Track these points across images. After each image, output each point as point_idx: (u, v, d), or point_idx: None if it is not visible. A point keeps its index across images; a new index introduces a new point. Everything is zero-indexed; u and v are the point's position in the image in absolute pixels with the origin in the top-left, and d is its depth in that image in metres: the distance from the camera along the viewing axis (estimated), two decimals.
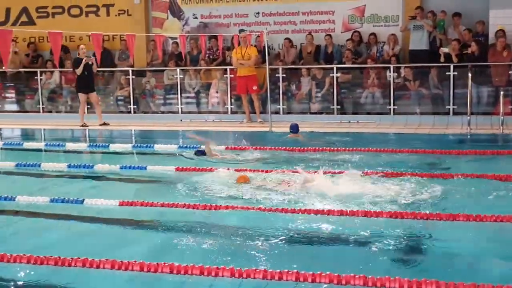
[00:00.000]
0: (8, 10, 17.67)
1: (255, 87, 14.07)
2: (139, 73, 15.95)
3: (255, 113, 14.26)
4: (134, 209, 6.73)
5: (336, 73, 14.13)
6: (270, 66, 13.80)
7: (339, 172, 7.96)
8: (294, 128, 11.62)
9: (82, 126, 14.10)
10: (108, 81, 16.44)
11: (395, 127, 12.77)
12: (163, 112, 15.65)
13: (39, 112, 16.19)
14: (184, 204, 6.75)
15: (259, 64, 14.44)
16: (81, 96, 14.40)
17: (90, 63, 14.01)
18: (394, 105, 13.79)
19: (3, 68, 16.22)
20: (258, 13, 15.92)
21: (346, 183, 7.39)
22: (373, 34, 14.76)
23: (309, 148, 10.17)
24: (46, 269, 4.95)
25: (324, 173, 7.58)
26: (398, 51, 14.48)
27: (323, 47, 15.17)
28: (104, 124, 14.25)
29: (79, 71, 14.02)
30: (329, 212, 6.33)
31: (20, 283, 4.85)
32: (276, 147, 10.36)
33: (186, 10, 16.52)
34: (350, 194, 6.98)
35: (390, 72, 13.81)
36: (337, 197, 6.87)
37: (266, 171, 8.27)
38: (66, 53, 16.57)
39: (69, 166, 8.90)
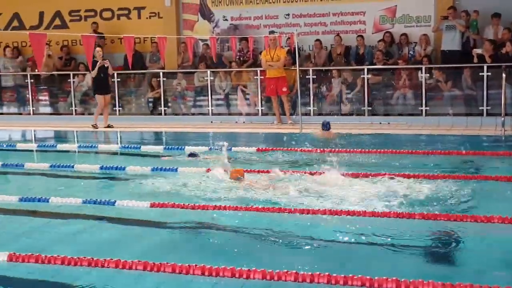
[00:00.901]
0: (41, 14, 17.92)
1: (284, 89, 14.04)
2: (170, 75, 16.04)
3: (285, 114, 14.23)
4: (164, 211, 6.75)
5: (367, 74, 14.03)
6: (301, 68, 13.74)
7: (374, 175, 7.90)
8: (326, 126, 11.59)
9: (93, 126, 14.32)
10: (139, 83, 16.56)
11: (427, 128, 12.63)
12: (193, 114, 15.72)
13: (71, 114, 16.39)
14: (215, 206, 6.75)
15: (289, 65, 14.41)
16: (99, 98, 14.61)
17: (105, 65, 14.17)
18: (426, 106, 13.64)
19: (37, 70, 16.50)
20: (288, 14, 15.90)
21: (376, 185, 7.32)
22: (405, 34, 14.63)
23: (341, 149, 10.11)
24: (80, 270, 4.98)
25: (345, 174, 7.54)
26: (430, 51, 14.33)
27: (353, 48, 15.08)
28: (109, 126, 14.40)
29: (94, 73, 14.25)
30: (362, 214, 6.28)
31: (55, 283, 4.90)
32: (306, 149, 10.33)
33: (216, 12, 16.57)
34: (380, 195, 6.92)
35: (422, 73, 13.66)
36: (369, 198, 6.82)
37: (295, 172, 8.24)
38: None
39: (101, 168, 8.98)
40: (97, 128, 14.24)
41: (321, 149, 10.25)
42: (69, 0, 17.62)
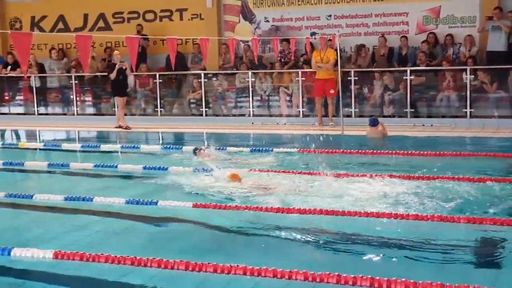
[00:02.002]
0: (86, 16, 18.21)
1: (332, 91, 13.98)
2: (211, 76, 16.11)
3: (327, 116, 14.16)
4: (207, 211, 6.77)
5: (410, 75, 13.85)
6: (343, 69, 13.64)
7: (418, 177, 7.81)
8: (373, 122, 11.54)
9: (117, 127, 14.56)
10: (180, 84, 16.68)
11: (472, 130, 12.40)
12: (234, 115, 15.76)
13: (114, 115, 16.54)
14: (257, 207, 6.74)
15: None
16: (118, 100, 14.90)
17: (123, 68, 14.37)
18: (470, 108, 13.40)
19: (81, 72, 16.76)
20: (330, 15, 15.82)
21: (421, 188, 7.22)
22: (450, 35, 14.40)
23: (382, 151, 10.02)
24: (123, 269, 5.03)
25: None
26: (475, 52, 14.07)
27: (396, 49, 14.91)
28: (120, 127, 14.61)
29: (112, 75, 14.50)
30: (405, 217, 6.20)
31: (99, 281, 4.95)
32: (348, 150, 10.25)
33: (258, 14, 16.59)
34: (423, 198, 6.83)
35: (466, 74, 13.42)
36: (413, 201, 6.74)
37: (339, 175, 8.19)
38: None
39: (144, 168, 9.06)
40: (121, 128, 14.50)
41: (363, 150, 10.18)
42: (112, 2, 17.87)
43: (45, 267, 5.15)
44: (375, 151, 10.11)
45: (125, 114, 16.68)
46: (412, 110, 13.94)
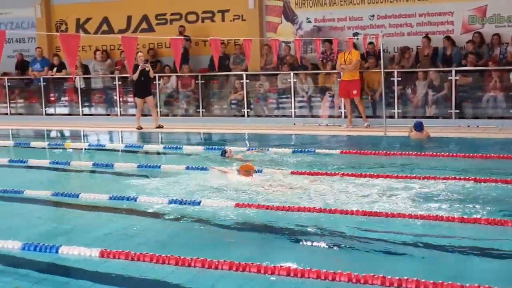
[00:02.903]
0: (129, 18, 18.42)
1: (355, 92, 13.90)
2: (253, 77, 16.13)
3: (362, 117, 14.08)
4: (249, 211, 6.76)
5: (455, 76, 13.62)
6: (385, 70, 13.49)
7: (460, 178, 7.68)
8: (418, 126, 11.39)
9: (137, 128, 14.61)
10: (222, 85, 16.75)
11: None
12: (276, 116, 15.74)
13: (156, 115, 16.69)
14: (299, 207, 6.71)
15: (363, 67, 14.23)
16: (138, 101, 15.05)
17: (146, 69, 14.56)
18: None
19: (124, 73, 16.97)
20: (373, 15, 15.67)
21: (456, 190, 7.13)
22: (497, 34, 14.11)
23: (427, 153, 9.88)
24: (168, 269, 5.06)
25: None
26: None
27: (441, 49, 14.68)
28: (159, 127, 14.69)
29: (135, 77, 14.65)
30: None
31: (143, 280, 4.99)
32: (392, 152, 10.15)
33: (300, 14, 16.53)
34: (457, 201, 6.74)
35: None
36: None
37: (380, 176, 8.10)
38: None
39: (187, 168, 9.11)
40: (141, 129, 14.60)
41: (405, 152, 10.06)
42: (155, 4, 18.03)
43: (91, 265, 5.21)
44: (420, 153, 9.97)
45: (167, 115, 16.88)
46: (457, 111, 13.70)
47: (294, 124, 14.76)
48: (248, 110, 15.88)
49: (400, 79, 14.23)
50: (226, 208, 6.86)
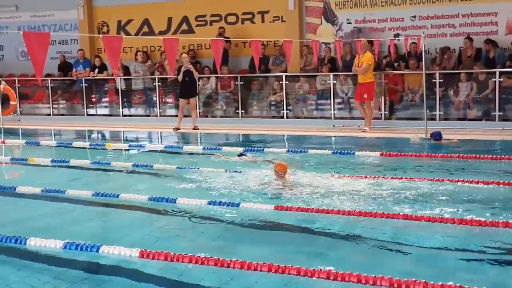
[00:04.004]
0: (169, 19, 18.56)
1: (365, 95, 13.73)
2: (292, 78, 16.08)
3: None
4: (288, 214, 6.72)
5: (499, 77, 13.34)
6: (427, 71, 13.29)
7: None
8: (436, 136, 11.30)
9: (174, 129, 14.70)
10: (262, 86, 16.74)
11: None
12: (315, 118, 15.66)
13: (196, 116, 16.76)
14: (338, 210, 6.65)
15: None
16: (181, 101, 15.15)
17: (190, 70, 14.62)
18: None
19: (164, 74, 17.12)
20: (414, 16, 15.48)
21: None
22: None
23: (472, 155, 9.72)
24: (207, 270, 5.05)
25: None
26: None
27: (484, 50, 14.41)
28: (195, 128, 14.71)
29: (180, 78, 14.74)
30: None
31: (182, 281, 5.00)
32: (432, 154, 10.00)
33: (340, 15, 16.43)
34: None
35: None
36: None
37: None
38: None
39: (226, 171, 9.11)
40: (178, 130, 14.68)
41: (448, 154, 9.89)
42: (195, 5, 18.14)
43: (131, 265, 5.24)
44: (462, 155, 9.79)
45: (206, 116, 16.96)
46: (501, 113, 13.42)
47: (334, 126, 14.66)
48: (287, 111, 15.84)
49: (442, 80, 14.00)
50: (265, 210, 6.84)
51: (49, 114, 18.89)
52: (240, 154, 10.35)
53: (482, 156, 9.53)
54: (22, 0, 20.26)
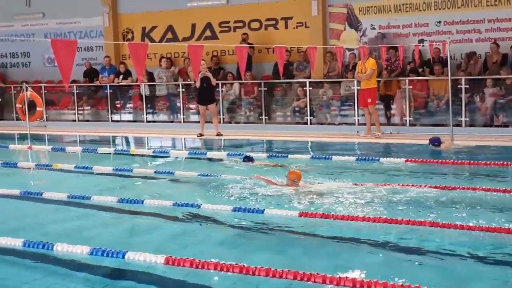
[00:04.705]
0: (193, 26, 18.65)
1: (369, 100, 13.76)
2: (316, 84, 16.04)
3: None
4: (313, 220, 6.69)
5: None
6: (452, 77, 13.17)
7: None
8: (435, 141, 11.32)
9: (198, 135, 14.74)
10: (285, 92, 16.73)
11: None
12: (339, 124, 15.60)
13: (219, 122, 16.80)
14: (363, 217, 6.61)
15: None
16: (200, 108, 15.20)
17: (208, 76, 14.66)
18: None
19: (188, 80, 17.19)
20: (439, 22, 15.37)
21: None
22: None
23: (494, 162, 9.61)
24: (232, 277, 5.04)
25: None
26: None
27: (510, 56, 14.25)
28: (219, 134, 14.72)
29: (197, 84, 14.77)
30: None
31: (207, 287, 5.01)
32: (457, 161, 9.90)
33: (364, 21, 16.37)
34: None
35: None
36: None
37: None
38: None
39: (249, 176, 9.08)
40: (202, 136, 14.69)
41: (472, 161, 9.80)
42: (219, 12, 18.21)
43: (156, 271, 5.25)
44: (489, 162, 9.69)
45: (230, 122, 16.99)
46: None
47: (358, 132, 14.58)
48: (311, 117, 15.80)
49: (467, 86, 13.87)
50: (289, 217, 6.83)
51: (75, 120, 19.07)
52: (246, 159, 10.32)
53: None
54: (48, 8, 20.51)
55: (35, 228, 6.92)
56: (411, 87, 14.50)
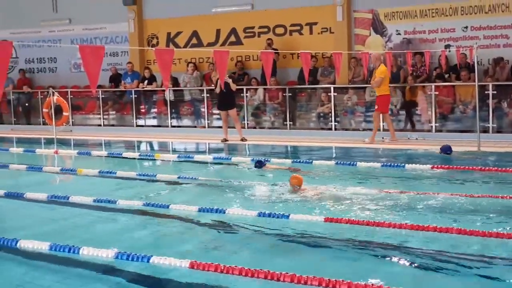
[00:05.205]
0: (218, 31, 18.70)
1: (376, 106, 13.74)
2: (340, 90, 15.97)
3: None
4: (338, 226, 6.65)
5: None
6: (479, 83, 13.01)
7: None
8: (446, 150, 11.24)
9: (222, 140, 14.78)
10: (310, 98, 16.68)
11: None
12: (364, 130, 15.51)
13: (243, 128, 16.80)
14: (389, 223, 6.55)
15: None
16: (221, 113, 15.24)
17: (228, 82, 14.65)
18: None
19: (212, 85, 17.22)
20: (466, 27, 15.22)
21: None
22: None
23: None
24: (256, 282, 5.02)
25: None
26: None
27: None
28: (243, 140, 14.70)
29: (217, 89, 14.83)
30: None
31: None
32: (486, 167, 9.77)
33: (389, 26, 16.28)
34: None
35: None
36: None
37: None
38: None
39: (273, 182, 9.06)
40: (226, 141, 14.72)
41: (500, 168, 9.66)
42: (244, 17, 18.24)
43: (181, 276, 5.25)
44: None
45: (254, 127, 16.99)
46: None
47: (383, 138, 14.47)
48: (336, 123, 15.73)
49: (495, 92, 13.70)
50: (315, 222, 6.80)
51: (100, 125, 19.23)
52: (258, 164, 10.33)
53: None
54: (75, 14, 20.73)
55: (61, 231, 6.98)
56: (437, 93, 14.35)
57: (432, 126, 14.49)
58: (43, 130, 18.15)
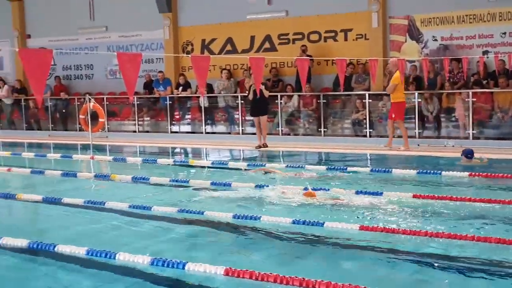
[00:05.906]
0: (252, 38, 18.73)
1: (393, 115, 13.64)
2: (375, 97, 15.85)
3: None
4: (374, 234, 6.58)
5: None
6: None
7: None
8: (468, 153, 11.05)
9: (256, 147, 14.83)
10: (344, 105, 16.59)
11: None
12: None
13: (278, 134, 16.81)
14: (426, 232, 6.46)
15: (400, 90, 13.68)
16: (254, 120, 15.32)
17: (260, 88, 14.50)
18: None
19: (246, 92, 17.24)
20: (504, 33, 14.98)
21: None
22: None
23: None
24: None
25: None
26: None
27: None
28: (264, 145, 14.80)
29: (250, 96, 14.92)
30: None
31: None
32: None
33: (426, 33, 16.10)
34: None
35: None
36: None
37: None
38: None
39: (304, 189, 9.01)
40: (260, 148, 14.76)
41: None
42: (278, 24, 18.23)
43: (216, 283, 5.25)
44: None
45: (288, 134, 16.95)
46: None
47: (418, 145, 14.31)
48: (370, 130, 15.60)
49: None
50: (350, 230, 6.74)
51: (135, 131, 19.41)
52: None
53: None
54: (111, 21, 21.00)
55: (98, 236, 7.03)
56: (474, 99, 14.13)
57: (469, 133, 14.27)
58: (80, 136, 18.41)
